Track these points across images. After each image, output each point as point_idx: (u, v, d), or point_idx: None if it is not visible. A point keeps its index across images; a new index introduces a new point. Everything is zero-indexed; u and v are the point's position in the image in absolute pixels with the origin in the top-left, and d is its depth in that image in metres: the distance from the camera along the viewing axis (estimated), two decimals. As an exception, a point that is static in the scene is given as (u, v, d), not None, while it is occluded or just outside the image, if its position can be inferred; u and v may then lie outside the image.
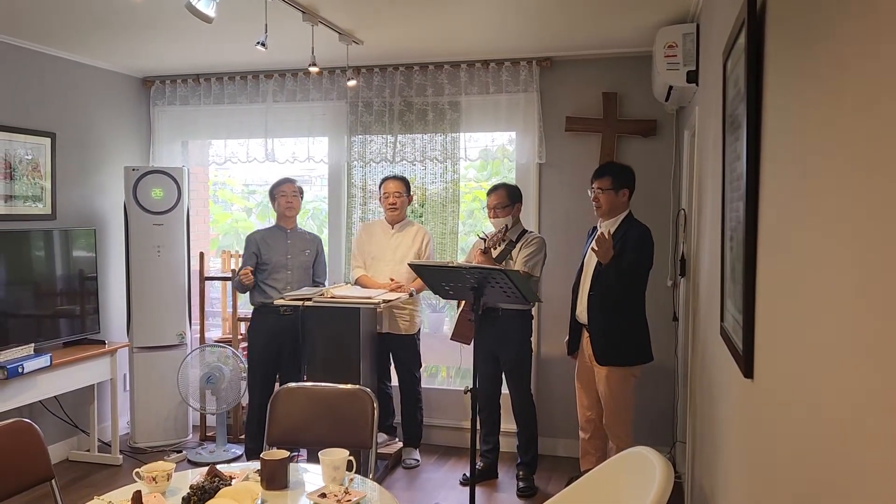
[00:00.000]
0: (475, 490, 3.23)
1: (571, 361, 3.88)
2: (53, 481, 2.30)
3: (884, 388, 0.78)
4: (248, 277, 4.20)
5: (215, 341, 4.91)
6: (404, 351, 4.40)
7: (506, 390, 4.16)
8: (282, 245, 4.37)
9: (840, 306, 0.96)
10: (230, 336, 4.94)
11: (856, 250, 0.90)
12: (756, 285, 1.57)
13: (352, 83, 4.28)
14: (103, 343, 4.47)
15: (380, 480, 4.00)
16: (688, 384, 3.56)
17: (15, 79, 4.28)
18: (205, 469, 2.15)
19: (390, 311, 4.31)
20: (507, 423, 4.25)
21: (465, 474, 4.21)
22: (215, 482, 2.04)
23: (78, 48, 4.48)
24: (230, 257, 5.36)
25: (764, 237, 1.52)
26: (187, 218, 4.86)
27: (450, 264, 3.42)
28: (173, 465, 2.17)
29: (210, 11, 2.91)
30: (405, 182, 4.44)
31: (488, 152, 4.85)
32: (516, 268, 3.86)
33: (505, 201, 4.00)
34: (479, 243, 4.07)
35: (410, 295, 4.22)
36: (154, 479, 2.09)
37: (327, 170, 5.09)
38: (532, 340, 4.14)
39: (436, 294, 3.60)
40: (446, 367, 5.55)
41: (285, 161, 5.05)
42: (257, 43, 3.35)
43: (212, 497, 1.96)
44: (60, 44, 4.38)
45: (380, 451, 4.30)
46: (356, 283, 4.43)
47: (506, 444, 4.35)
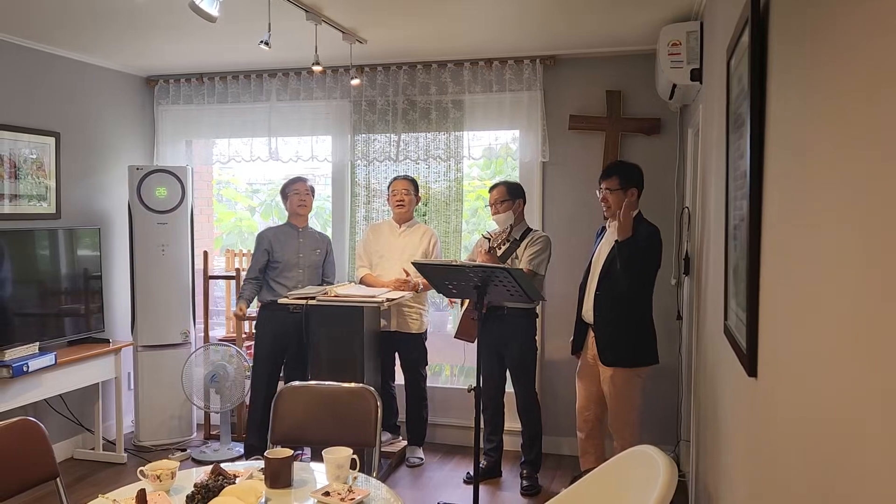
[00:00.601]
0: (479, 488, 3.23)
1: (575, 360, 3.87)
2: (58, 479, 2.30)
3: (889, 387, 0.78)
4: (243, 312, 4.36)
5: (219, 340, 4.92)
6: (412, 350, 4.41)
7: (510, 388, 4.16)
8: (293, 244, 4.38)
9: (844, 305, 0.96)
10: (234, 334, 4.95)
11: (860, 248, 0.89)
12: (760, 284, 1.57)
13: (355, 82, 4.29)
14: (108, 342, 4.48)
15: (383, 479, 4.00)
16: (691, 383, 3.55)
17: (19, 78, 4.29)
18: (209, 467, 2.16)
19: (399, 309, 4.31)
20: (511, 422, 4.25)
21: (468, 473, 4.21)
22: (219, 480, 2.05)
23: (82, 48, 4.49)
24: (234, 256, 5.37)
25: (768, 235, 1.51)
26: (191, 217, 4.88)
27: (453, 263, 3.42)
28: (177, 464, 2.17)
29: (213, 10, 2.91)
30: (414, 182, 4.46)
31: (492, 151, 4.84)
32: (521, 266, 3.86)
33: (505, 196, 4.01)
34: (483, 242, 4.08)
35: (416, 291, 4.22)
36: (158, 478, 2.09)
37: (331, 169, 5.09)
38: (536, 339, 4.14)
39: (439, 293, 3.60)
40: (450, 366, 5.55)
41: (289, 160, 5.06)
42: (260, 42, 3.36)
43: (216, 495, 1.97)
44: (65, 43, 4.39)
45: (383, 449, 4.30)
46: (360, 282, 4.43)
47: (509, 443, 4.35)
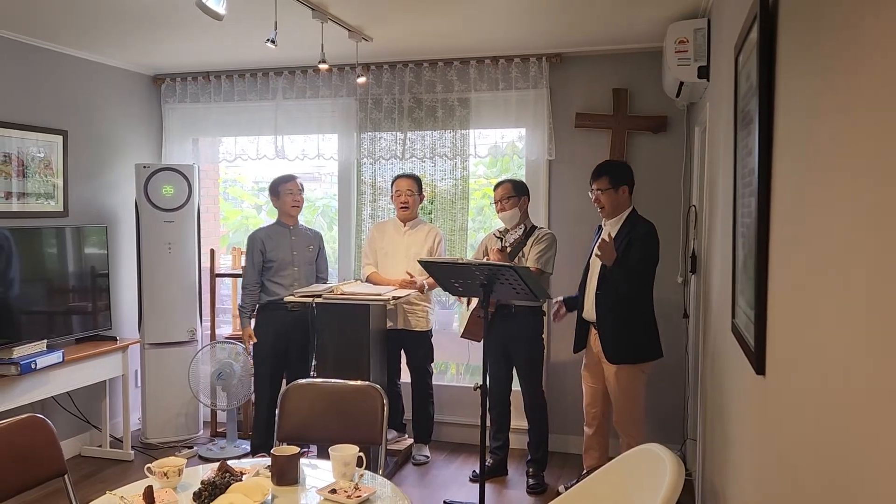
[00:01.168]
0: (485, 487, 3.23)
1: (579, 358, 3.88)
2: (66, 476, 2.31)
3: (898, 385, 0.77)
4: (251, 336, 4.35)
5: (226, 338, 4.93)
6: (419, 347, 4.41)
7: (516, 387, 4.16)
8: (286, 242, 4.38)
9: (853, 302, 0.95)
10: (240, 332, 4.95)
11: (870, 245, 0.89)
12: (768, 281, 1.56)
13: (361, 80, 4.28)
14: (115, 339, 4.50)
15: (390, 476, 4.00)
16: (699, 381, 3.55)
17: (27, 77, 4.30)
18: (216, 465, 2.16)
19: (405, 308, 4.31)
20: (518, 420, 4.25)
21: (474, 471, 4.21)
22: (226, 478, 2.05)
23: (89, 46, 4.51)
24: (241, 254, 5.37)
25: (776, 233, 1.51)
26: (198, 215, 4.89)
27: (459, 261, 3.42)
28: (184, 461, 2.18)
29: (220, 9, 2.91)
30: (417, 180, 4.44)
31: (498, 149, 4.83)
32: (529, 264, 3.86)
33: (511, 192, 4.01)
34: (493, 240, 4.07)
35: (422, 291, 4.22)
36: (165, 475, 2.10)
37: (337, 167, 5.09)
38: (543, 337, 4.13)
39: (445, 291, 3.60)
40: (455, 364, 5.55)
41: (295, 158, 5.07)
42: (267, 40, 3.37)
43: (223, 492, 1.97)
44: (72, 42, 4.41)
45: (390, 447, 4.31)
46: (367, 280, 4.44)
47: (516, 441, 4.35)
